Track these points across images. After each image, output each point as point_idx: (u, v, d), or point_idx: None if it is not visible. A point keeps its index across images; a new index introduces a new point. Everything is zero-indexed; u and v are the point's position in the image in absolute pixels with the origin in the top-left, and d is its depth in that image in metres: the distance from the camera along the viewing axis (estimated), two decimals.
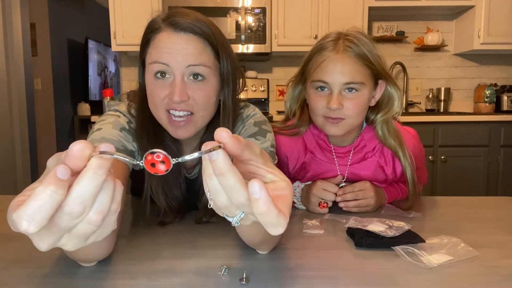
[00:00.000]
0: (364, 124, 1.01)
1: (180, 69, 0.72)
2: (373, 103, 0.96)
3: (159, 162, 0.34)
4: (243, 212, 0.39)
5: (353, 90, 0.89)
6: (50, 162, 0.36)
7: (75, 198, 0.31)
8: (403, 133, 1.00)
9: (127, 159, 0.33)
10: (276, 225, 0.35)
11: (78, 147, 0.32)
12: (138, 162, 0.35)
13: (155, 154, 0.34)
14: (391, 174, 1.00)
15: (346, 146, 1.00)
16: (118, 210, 0.36)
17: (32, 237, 0.33)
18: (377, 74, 0.92)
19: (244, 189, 0.35)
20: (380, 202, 0.96)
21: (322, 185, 0.93)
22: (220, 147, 0.34)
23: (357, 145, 1.00)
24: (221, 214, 0.41)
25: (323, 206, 0.91)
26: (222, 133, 0.35)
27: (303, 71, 0.98)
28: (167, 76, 0.74)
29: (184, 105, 0.73)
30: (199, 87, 0.74)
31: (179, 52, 0.72)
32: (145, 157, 0.34)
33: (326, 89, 0.91)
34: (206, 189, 0.38)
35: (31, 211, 0.29)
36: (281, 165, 1.02)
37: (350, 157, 1.00)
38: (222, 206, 0.37)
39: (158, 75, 0.74)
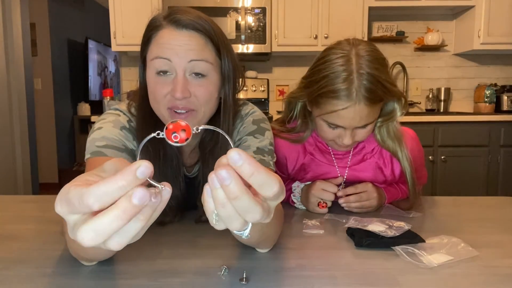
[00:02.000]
0: None
1: (182, 65, 0.72)
2: None
3: (180, 130, 0.35)
4: (251, 223, 0.38)
5: (366, 125, 0.89)
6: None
7: (93, 229, 0.32)
8: (403, 134, 0.99)
9: (157, 185, 0.34)
10: (270, 183, 0.34)
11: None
12: (159, 132, 0.35)
13: (175, 123, 0.35)
14: (390, 175, 1.00)
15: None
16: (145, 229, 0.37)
17: (69, 222, 0.34)
18: (390, 98, 0.91)
19: (259, 205, 0.35)
20: (380, 203, 0.96)
21: (321, 185, 0.93)
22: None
23: (356, 147, 1.00)
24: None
25: (322, 206, 0.91)
26: (234, 156, 0.33)
27: (309, 96, 0.92)
28: (168, 73, 0.74)
29: (186, 102, 0.74)
30: (201, 83, 0.75)
31: (181, 48, 0.72)
32: (166, 127, 0.35)
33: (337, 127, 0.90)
34: (212, 217, 0.36)
35: (101, 193, 0.31)
36: (280, 166, 1.02)
37: (349, 159, 1.00)
38: (235, 229, 0.37)
39: (160, 72, 0.74)
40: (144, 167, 0.32)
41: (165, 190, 0.35)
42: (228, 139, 0.38)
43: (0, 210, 0.94)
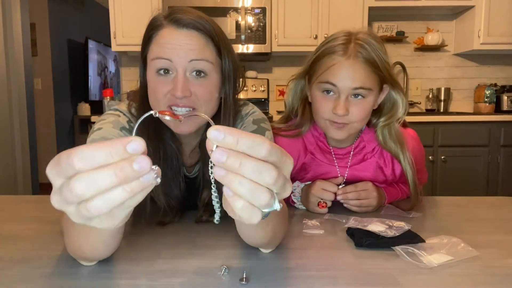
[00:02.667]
0: (364, 126, 1.01)
1: (182, 64, 0.73)
2: (375, 106, 0.95)
3: (170, 113, 0.38)
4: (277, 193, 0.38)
5: (359, 96, 0.89)
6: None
7: (86, 178, 0.32)
8: (404, 135, 0.99)
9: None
10: (258, 142, 0.34)
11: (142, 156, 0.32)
12: (156, 112, 0.38)
13: (162, 111, 0.38)
14: (391, 175, 1.00)
15: (346, 147, 1.00)
16: (131, 208, 0.37)
17: (54, 186, 0.34)
18: (384, 79, 0.92)
19: (266, 163, 0.34)
20: (380, 203, 0.96)
21: (321, 184, 0.93)
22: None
23: (357, 146, 1.00)
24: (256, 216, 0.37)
25: (322, 206, 0.91)
26: (213, 133, 0.33)
27: (309, 70, 0.96)
28: (169, 72, 0.74)
29: (187, 101, 0.74)
30: (201, 83, 0.75)
31: (181, 47, 0.72)
32: (156, 113, 0.39)
33: (332, 93, 0.90)
34: (239, 205, 0.35)
35: (87, 154, 0.31)
36: None
37: (350, 159, 1.00)
38: (265, 201, 0.35)
39: (161, 71, 0.74)
40: (136, 143, 0.32)
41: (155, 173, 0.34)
42: (210, 121, 0.39)
43: (0, 210, 0.94)
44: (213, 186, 0.35)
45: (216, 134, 0.33)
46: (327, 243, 0.73)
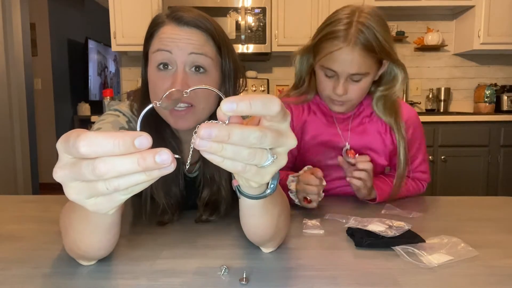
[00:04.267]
0: None
1: (182, 58, 0.73)
2: (375, 78, 1.02)
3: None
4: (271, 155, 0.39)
5: (358, 76, 0.96)
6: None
7: (111, 161, 0.33)
8: (403, 106, 1.06)
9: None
10: (268, 100, 0.36)
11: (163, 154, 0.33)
12: (156, 103, 0.39)
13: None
14: (390, 145, 1.06)
15: (346, 113, 1.08)
16: (132, 194, 0.37)
17: (61, 160, 0.36)
18: (384, 57, 0.97)
19: (253, 127, 0.36)
20: (369, 193, 0.99)
21: (304, 179, 0.90)
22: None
23: (356, 111, 1.08)
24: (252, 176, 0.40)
25: (308, 202, 0.89)
26: (227, 106, 0.34)
27: (313, 46, 1.02)
28: (169, 67, 0.75)
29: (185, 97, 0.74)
30: (200, 78, 0.75)
31: (181, 41, 0.73)
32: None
33: (333, 75, 0.97)
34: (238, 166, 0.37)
35: (94, 140, 0.32)
36: None
37: (350, 121, 1.08)
38: (246, 158, 0.37)
39: (161, 66, 0.75)
40: (144, 139, 0.32)
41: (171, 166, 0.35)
42: (220, 93, 0.40)
43: (0, 210, 0.94)
44: (193, 138, 0.36)
45: (230, 106, 0.34)
46: (327, 243, 0.73)
